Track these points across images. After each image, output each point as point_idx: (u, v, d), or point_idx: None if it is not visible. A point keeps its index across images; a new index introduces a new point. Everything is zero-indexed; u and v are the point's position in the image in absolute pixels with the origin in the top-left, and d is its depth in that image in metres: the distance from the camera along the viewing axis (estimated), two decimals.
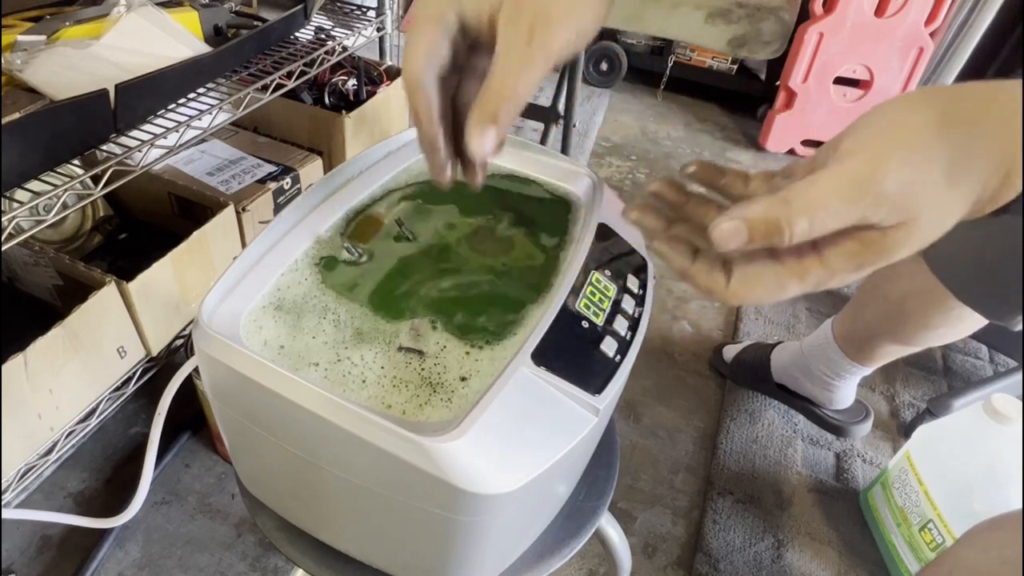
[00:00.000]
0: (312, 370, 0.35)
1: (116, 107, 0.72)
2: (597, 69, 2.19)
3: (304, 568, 0.44)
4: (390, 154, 0.51)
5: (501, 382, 0.33)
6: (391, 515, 0.34)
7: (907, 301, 0.84)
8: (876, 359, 0.94)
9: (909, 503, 0.89)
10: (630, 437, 1.08)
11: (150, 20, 0.85)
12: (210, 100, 0.86)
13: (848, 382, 1.02)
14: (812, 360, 1.03)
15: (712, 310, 1.36)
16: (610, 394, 0.35)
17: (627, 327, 0.39)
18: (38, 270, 0.86)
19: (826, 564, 0.93)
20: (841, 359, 0.98)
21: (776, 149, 1.92)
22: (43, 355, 0.72)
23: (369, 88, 1.19)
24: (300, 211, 0.44)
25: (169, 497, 0.93)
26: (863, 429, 1.06)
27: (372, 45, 1.25)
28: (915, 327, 0.85)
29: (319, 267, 0.42)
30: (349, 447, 0.31)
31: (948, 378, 1.24)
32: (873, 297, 0.91)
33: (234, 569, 0.86)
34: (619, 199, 0.50)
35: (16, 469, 0.76)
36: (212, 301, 0.36)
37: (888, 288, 0.87)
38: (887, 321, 0.88)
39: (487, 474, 0.30)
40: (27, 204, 0.66)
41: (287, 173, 1.04)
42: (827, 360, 1.01)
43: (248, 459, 0.43)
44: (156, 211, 1.03)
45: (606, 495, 0.50)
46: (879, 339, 0.91)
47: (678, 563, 0.92)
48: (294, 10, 1.02)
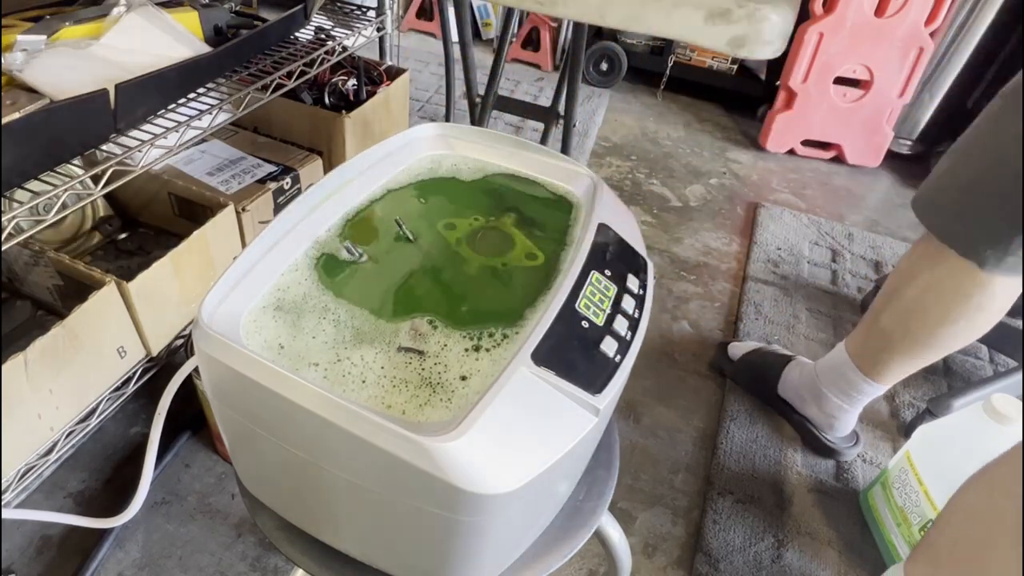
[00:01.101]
0: (312, 370, 0.35)
1: (116, 107, 0.72)
2: (597, 69, 2.19)
3: (304, 568, 0.44)
4: (390, 154, 0.51)
5: (501, 382, 0.33)
6: (391, 515, 0.34)
7: (926, 296, 0.84)
8: (891, 372, 0.93)
9: (909, 503, 0.89)
10: (630, 437, 1.08)
11: (150, 20, 0.85)
12: (210, 100, 0.86)
13: (857, 405, 1.01)
14: (825, 383, 1.02)
15: (712, 310, 1.36)
16: (610, 394, 0.35)
17: (627, 327, 0.39)
18: (38, 270, 0.86)
19: (826, 564, 0.93)
20: (855, 376, 0.97)
21: (776, 149, 1.92)
22: (43, 355, 0.72)
23: (369, 88, 1.19)
24: (300, 211, 0.44)
25: (169, 497, 0.93)
26: (852, 453, 1.06)
27: (372, 45, 1.25)
28: (934, 323, 0.84)
29: (319, 267, 0.42)
30: (349, 447, 0.31)
31: (948, 378, 1.24)
32: (889, 302, 0.90)
33: (234, 569, 0.86)
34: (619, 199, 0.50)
35: (16, 469, 0.76)
36: (212, 301, 0.36)
37: (905, 289, 0.87)
38: (905, 323, 0.87)
39: (487, 474, 0.30)
40: (27, 204, 0.66)
41: (287, 173, 1.04)
42: (841, 380, 1.00)
43: (248, 459, 0.43)
44: (156, 211, 1.03)
45: (606, 495, 0.50)
46: (896, 346, 0.90)
47: (678, 563, 0.92)
48: (294, 10, 1.02)
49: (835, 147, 1.89)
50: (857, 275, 1.48)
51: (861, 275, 1.49)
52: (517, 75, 2.25)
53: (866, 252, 1.56)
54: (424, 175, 0.51)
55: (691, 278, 1.44)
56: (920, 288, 0.85)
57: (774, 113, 1.88)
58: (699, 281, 1.43)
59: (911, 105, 1.80)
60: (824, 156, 1.92)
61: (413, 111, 1.98)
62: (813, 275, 1.47)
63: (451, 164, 0.53)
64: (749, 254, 1.51)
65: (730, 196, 1.73)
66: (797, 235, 1.59)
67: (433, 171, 0.52)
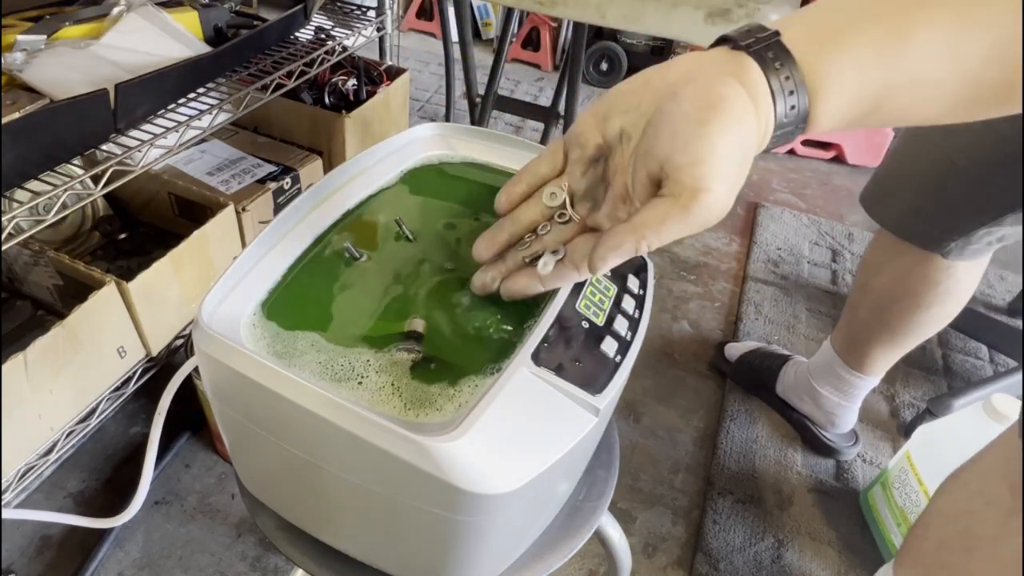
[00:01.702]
0: (312, 370, 0.35)
1: (116, 107, 0.72)
2: (597, 69, 2.19)
3: (304, 568, 0.44)
4: (390, 154, 0.51)
5: (501, 382, 0.33)
6: (391, 515, 0.34)
7: (894, 286, 0.86)
8: (877, 364, 0.94)
9: (909, 503, 0.89)
10: (630, 437, 1.08)
11: (150, 20, 0.85)
12: (210, 100, 0.86)
13: (855, 401, 1.02)
14: (818, 381, 1.03)
15: (712, 310, 1.36)
16: (610, 394, 0.35)
17: (627, 327, 0.39)
18: (38, 270, 0.86)
19: (826, 564, 0.93)
20: (846, 372, 0.98)
21: (776, 149, 1.92)
22: (43, 355, 0.72)
23: (369, 88, 1.19)
24: (300, 211, 0.44)
25: (169, 497, 0.93)
26: (851, 452, 1.06)
27: (372, 45, 1.25)
28: (907, 310, 0.86)
29: (319, 267, 0.42)
30: (349, 447, 0.31)
31: (948, 378, 1.24)
32: (862, 295, 0.92)
33: (234, 569, 0.86)
34: None
35: (16, 469, 0.76)
36: (212, 301, 0.36)
37: (874, 281, 0.89)
38: (880, 314, 0.89)
39: (487, 474, 0.30)
40: (27, 204, 0.66)
41: (287, 173, 1.04)
42: (832, 376, 1.00)
43: (248, 459, 0.42)
44: (156, 211, 1.03)
45: (606, 495, 0.50)
46: (876, 337, 0.91)
47: (678, 563, 0.92)
48: (294, 10, 1.02)
49: (835, 147, 1.90)
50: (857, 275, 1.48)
51: None
52: (517, 75, 2.25)
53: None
54: (424, 175, 0.51)
55: (691, 278, 1.44)
56: (888, 279, 0.86)
57: None
58: (699, 281, 1.43)
59: None
60: (824, 156, 1.92)
61: (413, 111, 1.98)
62: (813, 275, 1.47)
63: (451, 164, 0.53)
64: (749, 254, 1.51)
65: None
66: (797, 235, 1.59)
67: (433, 171, 0.52)
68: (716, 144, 0.30)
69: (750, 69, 0.31)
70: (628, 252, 0.32)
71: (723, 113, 0.30)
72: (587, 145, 0.36)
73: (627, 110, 0.34)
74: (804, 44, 0.31)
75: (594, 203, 0.37)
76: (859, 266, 0.94)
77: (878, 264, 0.88)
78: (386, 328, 0.38)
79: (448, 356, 0.37)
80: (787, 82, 0.30)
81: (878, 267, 0.88)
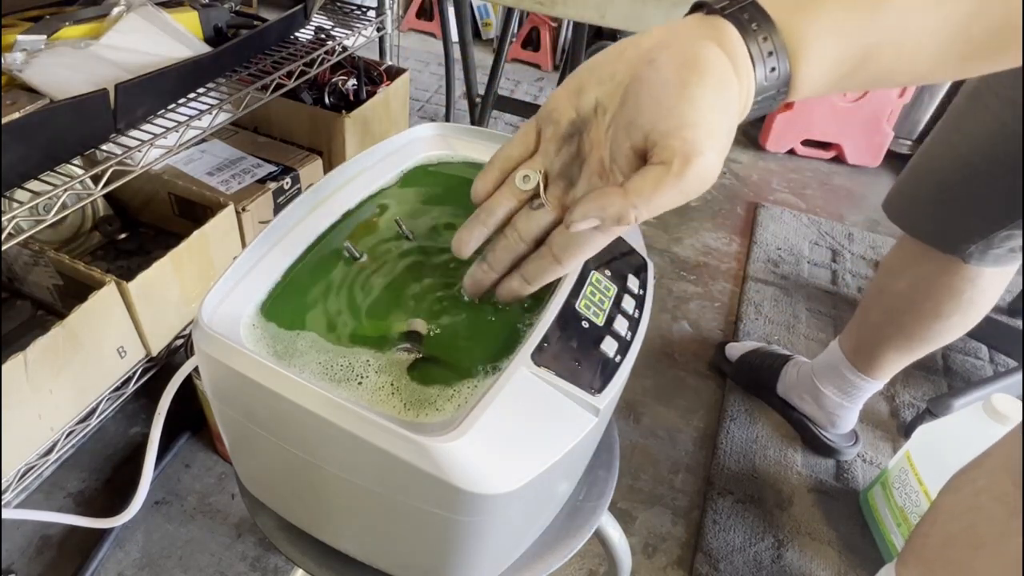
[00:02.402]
0: (312, 370, 0.35)
1: (116, 107, 0.72)
2: None
3: (304, 568, 0.44)
4: (390, 154, 0.51)
5: (501, 382, 0.33)
6: (391, 515, 0.34)
7: (915, 292, 0.84)
8: (886, 368, 0.93)
9: (909, 503, 0.89)
10: (630, 437, 1.08)
11: (150, 20, 0.85)
12: (210, 100, 0.86)
13: (856, 402, 1.01)
14: (822, 381, 1.02)
15: (712, 310, 1.36)
16: (610, 394, 0.35)
17: (627, 327, 0.39)
18: (38, 270, 0.86)
19: (826, 564, 0.93)
20: (852, 374, 0.97)
21: (776, 149, 1.92)
22: (43, 355, 0.72)
23: (369, 88, 1.19)
24: (300, 211, 0.44)
25: (169, 497, 0.93)
26: (851, 452, 1.06)
27: (372, 45, 1.25)
28: (926, 317, 0.84)
29: (319, 267, 0.42)
30: (349, 447, 0.31)
31: (948, 378, 1.24)
32: (879, 297, 0.90)
33: (234, 569, 0.86)
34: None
35: (16, 469, 0.76)
36: (212, 301, 0.36)
37: (893, 284, 0.87)
38: (896, 318, 0.87)
39: (487, 474, 0.30)
40: (27, 204, 0.66)
41: (287, 173, 1.04)
42: (838, 377, 1.00)
43: (248, 459, 0.43)
44: (156, 211, 1.03)
45: (606, 495, 0.50)
46: (889, 342, 0.90)
47: (678, 563, 0.92)
48: (294, 10, 1.02)
49: (835, 147, 1.90)
50: (857, 275, 1.48)
51: (861, 275, 1.49)
52: (517, 75, 2.25)
53: (866, 252, 1.56)
54: (424, 175, 0.51)
55: (691, 278, 1.44)
56: (906, 284, 0.85)
57: (774, 113, 1.88)
58: (699, 281, 1.43)
59: (911, 105, 1.80)
60: (824, 156, 1.92)
61: (413, 111, 1.98)
62: (813, 275, 1.47)
63: (451, 164, 0.53)
64: (749, 254, 1.51)
65: (730, 196, 1.73)
66: (797, 235, 1.59)
67: (433, 171, 0.52)
68: (701, 105, 0.29)
69: (728, 32, 0.30)
70: (612, 217, 0.31)
71: (704, 74, 0.29)
72: (560, 121, 0.34)
73: (601, 81, 0.32)
74: (781, 5, 0.29)
75: (569, 182, 0.35)
76: (878, 270, 0.92)
77: (898, 269, 0.86)
78: (386, 328, 0.38)
79: (448, 356, 0.37)
80: (766, 43, 0.29)
81: (897, 272, 0.86)
